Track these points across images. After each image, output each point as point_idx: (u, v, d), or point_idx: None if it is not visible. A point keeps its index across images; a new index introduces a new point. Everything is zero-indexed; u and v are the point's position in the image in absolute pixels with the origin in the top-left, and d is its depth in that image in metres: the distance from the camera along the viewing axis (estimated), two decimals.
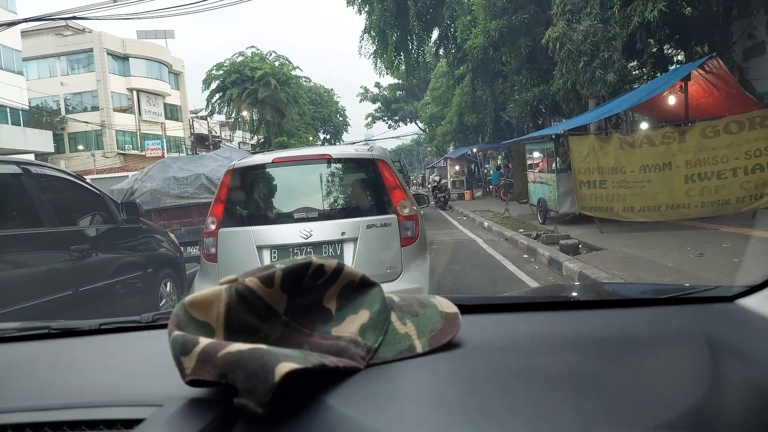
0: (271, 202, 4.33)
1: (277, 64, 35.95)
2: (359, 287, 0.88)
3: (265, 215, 4.13)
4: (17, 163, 4.11)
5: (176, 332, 0.72)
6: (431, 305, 0.92)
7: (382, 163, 4.03)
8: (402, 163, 27.32)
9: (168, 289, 5.63)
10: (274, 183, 4.34)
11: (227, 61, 34.82)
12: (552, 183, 11.00)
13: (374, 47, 24.64)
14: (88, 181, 5.22)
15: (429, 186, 29.28)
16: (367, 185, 4.14)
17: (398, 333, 0.84)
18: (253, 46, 36.04)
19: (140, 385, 0.85)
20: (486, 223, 12.89)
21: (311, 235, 3.80)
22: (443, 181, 22.39)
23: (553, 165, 11.43)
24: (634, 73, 13.03)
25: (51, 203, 4.22)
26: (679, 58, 12.61)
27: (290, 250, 3.81)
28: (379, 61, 25.70)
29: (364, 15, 23.91)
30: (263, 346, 0.69)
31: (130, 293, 4.93)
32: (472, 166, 27.89)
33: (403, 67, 25.93)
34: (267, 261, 3.77)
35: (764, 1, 8.97)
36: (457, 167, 27.88)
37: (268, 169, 4.27)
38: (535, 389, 0.74)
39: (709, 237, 7.82)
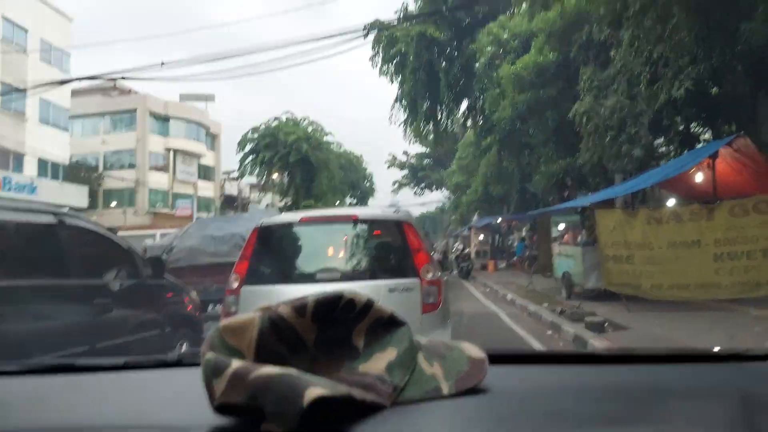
0: (295, 261, 4.33)
1: (310, 129, 37.06)
2: (388, 325, 0.87)
3: (289, 274, 4.13)
4: (54, 213, 4.19)
5: (209, 354, 0.73)
6: (458, 349, 0.92)
7: (408, 226, 4.01)
8: (426, 231, 27.34)
9: (184, 350, 5.49)
10: (299, 242, 4.36)
11: (262, 126, 36.05)
12: (578, 256, 10.78)
13: (405, 115, 25.34)
14: (117, 235, 5.31)
15: (452, 255, 29.09)
16: (392, 247, 4.13)
17: (425, 373, 0.84)
18: (289, 111, 37.23)
19: (166, 415, 0.86)
20: (509, 296, 12.62)
21: None
22: (466, 250, 22.22)
23: (579, 238, 11.26)
24: (661, 149, 12.99)
25: (80, 255, 4.25)
26: (706, 136, 12.55)
27: None
28: (408, 129, 26.34)
29: (396, 84, 24.76)
30: (293, 371, 0.69)
31: (146, 352, 4.82)
32: (497, 237, 27.69)
33: (432, 136, 26.50)
34: None
35: None
36: (481, 237, 27.73)
37: (295, 228, 4.30)
38: (565, 430, 0.73)
39: (740, 319, 7.49)
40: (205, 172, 44.21)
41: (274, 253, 4.22)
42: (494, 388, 0.88)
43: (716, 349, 1.21)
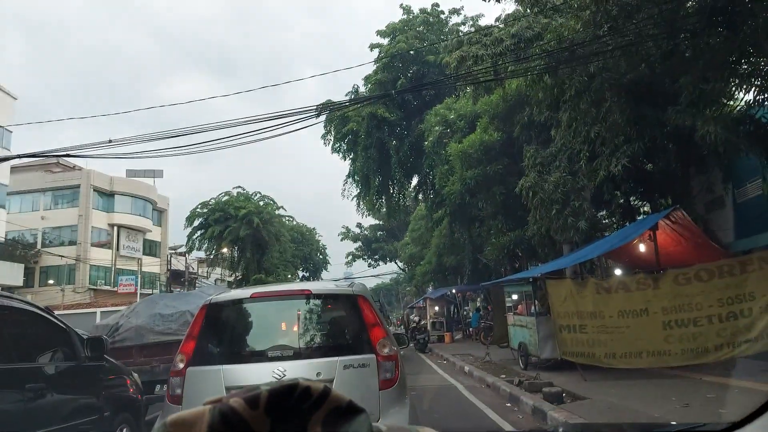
0: (245, 339, 4.16)
1: (261, 203, 37.01)
2: (345, 413, 0.82)
3: (239, 353, 3.94)
4: None
5: None
6: None
7: (363, 300, 3.92)
8: (381, 303, 27.16)
9: None
10: (250, 319, 4.19)
11: (213, 200, 35.79)
12: (532, 326, 10.93)
13: (357, 190, 25.80)
14: (54, 314, 5.00)
15: (410, 327, 28.84)
16: (346, 322, 4.03)
17: None
18: (240, 186, 37.22)
19: None
20: (467, 368, 12.53)
21: (284, 376, 3.55)
22: (422, 322, 22.09)
23: (532, 308, 11.46)
24: (604, 221, 13.65)
25: (11, 336, 4.02)
26: (646, 208, 13.33)
27: None
28: (361, 203, 26.75)
29: (348, 161, 25.34)
30: None
31: None
32: (452, 308, 27.77)
33: (384, 210, 27.01)
34: None
35: (717, 161, 9.73)
36: (436, 308, 27.72)
37: (245, 305, 4.13)
38: None
39: (692, 386, 7.67)
40: (151, 248, 42.88)
41: (223, 331, 4.06)
42: None
43: (673, 424, 1.28)
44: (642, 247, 10.01)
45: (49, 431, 4.10)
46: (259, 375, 3.66)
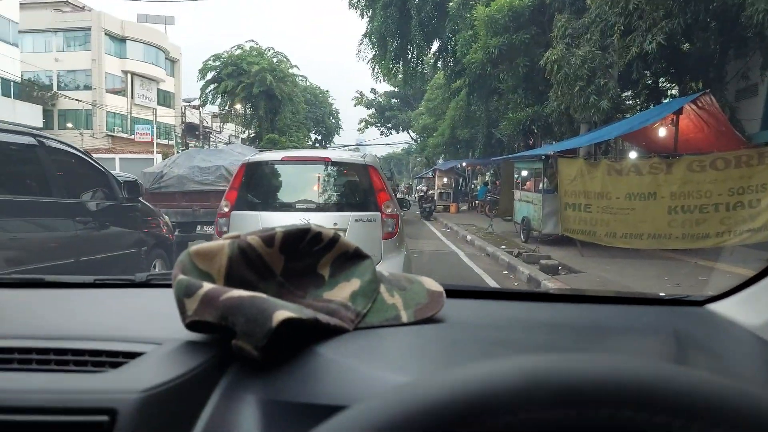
0: (277, 193, 4.99)
1: (275, 60, 35.82)
2: (352, 258, 0.91)
3: (271, 203, 4.79)
4: (33, 135, 4.37)
5: (181, 276, 0.74)
6: (418, 282, 0.96)
7: (373, 169, 4.71)
8: (391, 171, 27.41)
9: (158, 269, 5.84)
10: (280, 177, 5.06)
11: (225, 53, 34.60)
12: (537, 203, 11.06)
13: (373, 53, 24.70)
14: (94, 158, 5.41)
15: (415, 195, 29.26)
16: (358, 186, 4.81)
17: (386, 303, 0.89)
18: (252, 40, 35.73)
19: (138, 328, 0.87)
20: (469, 237, 12.92)
21: (309, 223, 4.26)
22: (430, 192, 22.43)
23: (540, 185, 11.51)
24: (627, 102, 13.18)
25: (60, 175, 4.49)
26: (674, 92, 12.78)
27: None
28: (377, 66, 25.76)
29: (366, 19, 23.97)
30: (263, 295, 0.72)
31: (125, 268, 5.14)
32: (460, 180, 28.00)
33: (401, 76, 26.03)
34: None
35: (760, 44, 9.14)
36: (445, 179, 27.97)
37: (276, 165, 4.98)
38: (509, 353, 0.78)
39: (686, 269, 7.91)
40: (165, 98, 42.49)
41: (258, 185, 4.86)
42: (450, 319, 0.93)
43: (660, 294, 1.30)
44: (662, 131, 9.76)
45: (97, 258, 4.71)
46: (288, 221, 4.40)
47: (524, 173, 14.13)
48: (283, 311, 0.68)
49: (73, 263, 4.30)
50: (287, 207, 4.70)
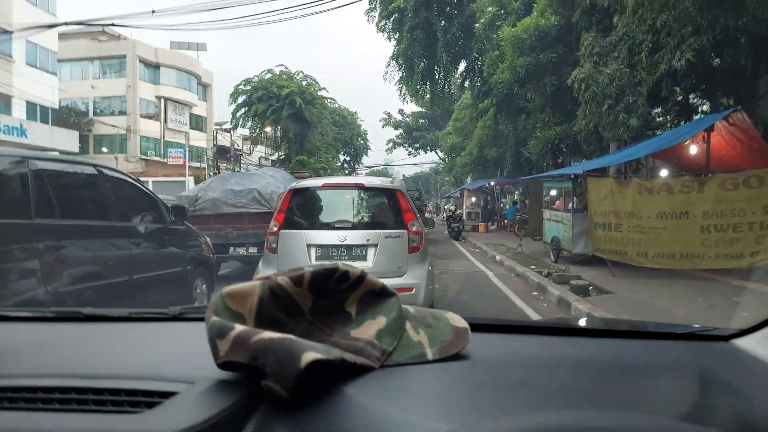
0: (318, 214, 5.64)
1: (304, 83, 36.47)
2: (379, 295, 0.94)
3: (314, 223, 5.43)
4: (93, 165, 4.93)
5: (214, 318, 0.78)
6: (443, 319, 0.98)
7: (400, 193, 5.42)
8: (419, 191, 27.43)
9: (199, 287, 6.24)
10: (321, 201, 5.79)
11: (255, 78, 35.39)
12: (567, 222, 10.94)
13: (401, 74, 24.95)
14: (144, 184, 5.89)
15: (443, 215, 29.19)
16: (388, 207, 5.42)
17: (412, 340, 0.91)
18: (282, 65, 36.55)
19: (171, 365, 0.90)
20: (498, 257, 12.83)
21: (346, 240, 5.11)
22: (458, 212, 22.36)
23: (570, 204, 11.39)
24: (657, 119, 13.01)
25: (115, 201, 5.00)
26: (705, 108, 12.58)
27: (330, 248, 5.13)
28: (404, 88, 26.00)
29: (393, 42, 24.28)
30: (292, 336, 0.75)
31: (171, 285, 5.57)
32: (488, 199, 27.85)
33: (428, 96, 26.19)
34: (313, 256, 5.10)
35: None
36: (473, 199, 27.85)
37: (318, 191, 5.77)
38: (534, 398, 0.80)
39: (721, 289, 7.70)
40: (197, 122, 43.57)
41: (302, 208, 5.52)
42: (475, 356, 0.94)
43: (686, 326, 1.27)
44: (693, 149, 9.60)
45: (148, 276, 5.10)
46: (328, 238, 5.17)
47: (553, 192, 14.02)
48: (312, 353, 0.71)
49: (127, 281, 4.72)
50: (327, 226, 5.32)
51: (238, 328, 0.75)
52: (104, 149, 37.31)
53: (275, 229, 5.25)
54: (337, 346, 0.83)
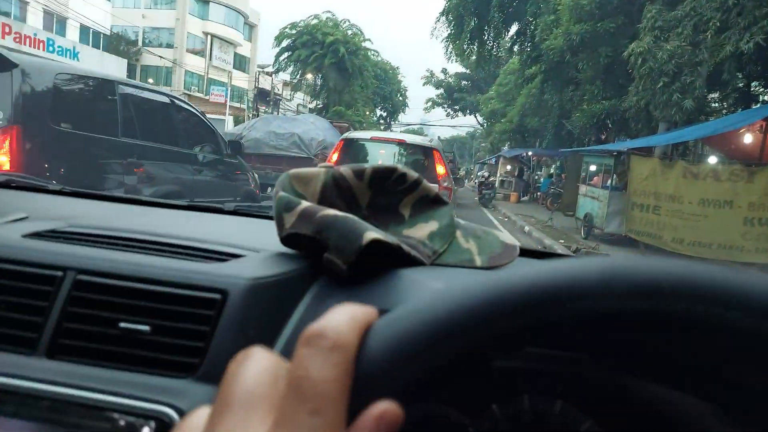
0: (365, 161, 6.00)
1: (349, 32, 35.88)
2: (432, 202, 0.95)
3: None
4: (167, 95, 5.44)
5: (282, 192, 0.82)
6: (493, 234, 0.99)
7: (436, 151, 6.18)
8: (454, 154, 27.20)
9: None
10: (366, 150, 6.66)
11: (302, 22, 34.95)
12: (603, 199, 10.71)
13: (449, 31, 24.29)
14: (207, 116, 6.22)
15: (475, 181, 28.89)
16: (423, 163, 6.08)
17: (461, 246, 0.92)
18: (329, 11, 35.88)
19: (235, 238, 0.94)
20: (527, 228, 12.69)
21: None
22: (491, 178, 22.07)
23: (609, 182, 11.13)
24: (713, 104, 12.47)
25: (182, 129, 5.45)
26: (766, 97, 11.98)
27: None
28: (450, 46, 25.35)
29: None
30: (355, 217, 0.77)
31: None
32: (524, 170, 27.41)
33: (474, 57, 25.49)
34: None
35: None
36: (508, 167, 27.46)
37: (364, 142, 6.68)
38: None
39: None
40: (240, 62, 43.54)
41: (351, 155, 6.31)
42: None
43: None
44: (748, 138, 9.21)
45: (205, 201, 5.42)
46: None
47: (593, 168, 13.69)
48: (373, 232, 0.73)
49: (189, 205, 4.93)
50: None
51: (305, 203, 0.78)
52: (150, 80, 37.68)
53: None
54: None
